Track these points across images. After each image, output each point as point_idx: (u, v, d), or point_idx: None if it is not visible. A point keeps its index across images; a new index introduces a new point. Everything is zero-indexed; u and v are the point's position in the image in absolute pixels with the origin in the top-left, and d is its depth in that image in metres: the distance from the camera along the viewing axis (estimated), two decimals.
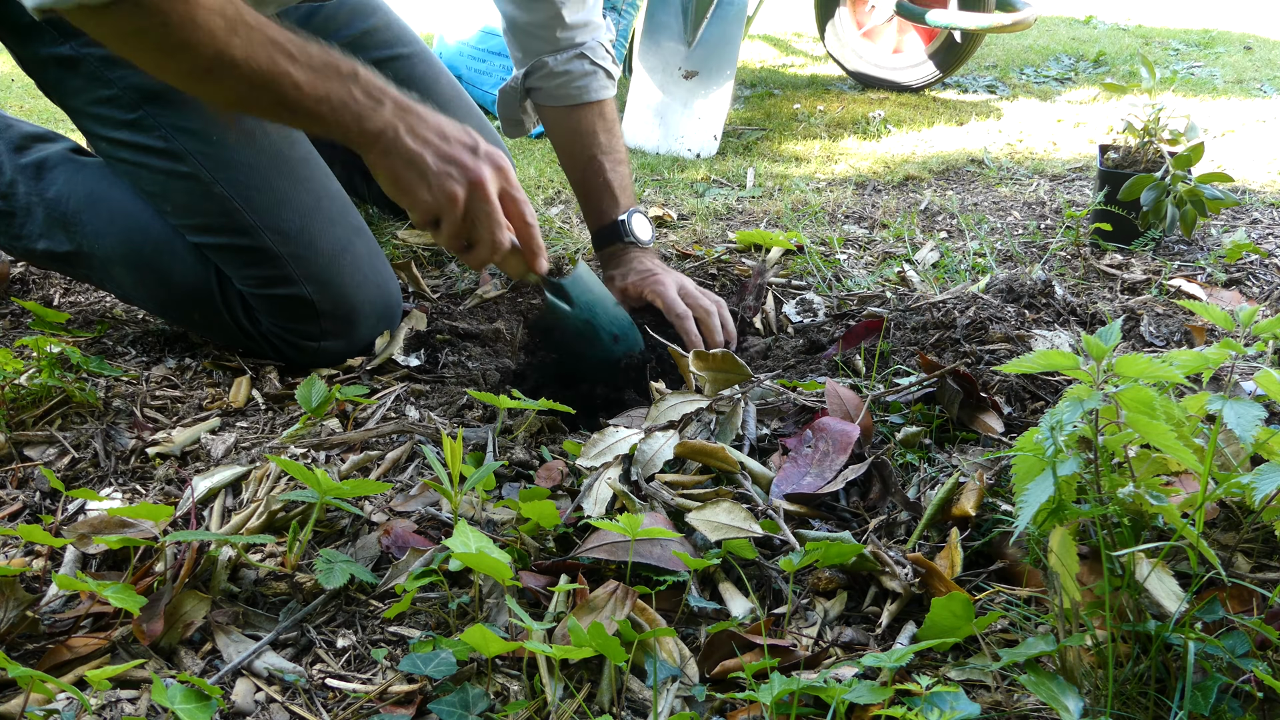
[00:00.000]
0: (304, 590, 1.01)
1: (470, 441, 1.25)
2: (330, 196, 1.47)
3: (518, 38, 1.61)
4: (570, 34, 1.58)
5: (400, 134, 1.19)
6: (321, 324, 1.45)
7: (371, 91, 1.19)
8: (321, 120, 1.17)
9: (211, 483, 1.17)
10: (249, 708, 0.88)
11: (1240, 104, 3.15)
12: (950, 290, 1.63)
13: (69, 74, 1.42)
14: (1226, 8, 5.29)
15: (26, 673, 0.77)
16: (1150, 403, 0.78)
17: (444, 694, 0.86)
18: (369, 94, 1.18)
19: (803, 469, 1.13)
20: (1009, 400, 1.26)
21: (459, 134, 1.23)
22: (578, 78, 1.59)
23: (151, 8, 1.04)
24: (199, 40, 1.07)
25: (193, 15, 1.06)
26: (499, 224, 1.23)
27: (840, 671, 0.86)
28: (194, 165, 1.40)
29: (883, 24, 3.36)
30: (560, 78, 1.59)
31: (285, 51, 1.13)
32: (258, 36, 1.11)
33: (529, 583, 0.98)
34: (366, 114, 1.17)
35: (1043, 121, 3.00)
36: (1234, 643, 0.79)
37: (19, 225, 1.54)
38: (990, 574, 1.00)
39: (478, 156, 1.22)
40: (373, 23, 1.77)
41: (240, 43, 1.09)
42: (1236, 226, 2.03)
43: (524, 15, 1.57)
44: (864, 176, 2.48)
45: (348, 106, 1.16)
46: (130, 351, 1.53)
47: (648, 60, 2.78)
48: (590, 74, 1.60)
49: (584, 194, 1.66)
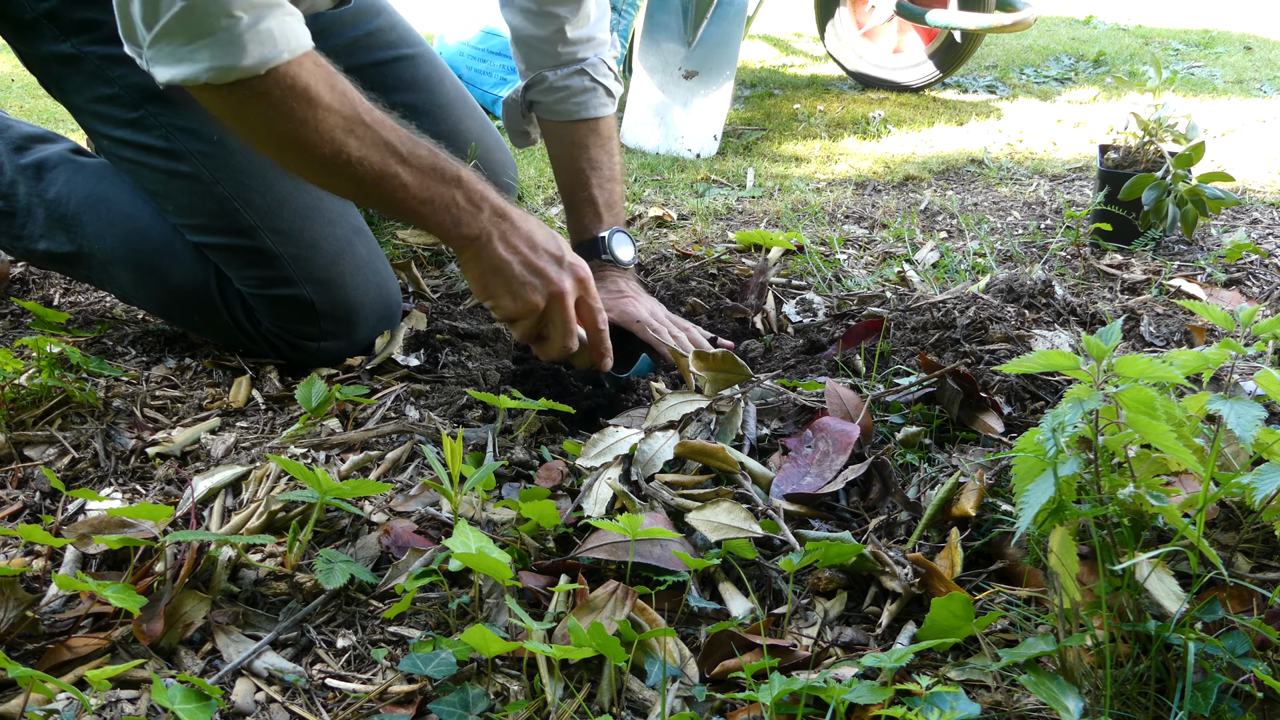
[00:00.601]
0: (304, 590, 1.01)
1: (470, 441, 1.25)
2: (330, 197, 1.47)
3: (521, 50, 1.62)
4: (573, 49, 1.58)
5: (493, 240, 1.24)
6: (321, 324, 1.45)
7: (473, 197, 1.24)
8: (422, 219, 1.23)
9: (211, 483, 1.17)
10: (249, 708, 0.88)
11: (1240, 104, 3.15)
12: (950, 290, 1.63)
13: (71, 72, 1.42)
14: (1226, 8, 5.29)
15: (26, 673, 0.77)
16: (1150, 403, 0.78)
17: (444, 694, 0.86)
18: (470, 199, 1.24)
19: (803, 469, 1.13)
20: (1009, 400, 1.26)
21: (548, 243, 1.28)
22: (576, 93, 1.59)
23: (277, 101, 1.09)
24: (317, 139, 1.13)
25: (314, 115, 1.11)
26: (571, 332, 1.31)
27: (840, 671, 0.86)
28: (194, 165, 1.40)
29: (883, 24, 3.36)
30: (559, 93, 1.59)
31: (396, 153, 1.18)
32: (372, 137, 1.16)
33: (529, 583, 0.98)
34: (465, 220, 1.23)
35: (1043, 121, 3.00)
36: (1234, 643, 0.78)
37: (19, 226, 1.54)
38: (990, 574, 1.00)
39: (561, 268, 1.28)
40: (378, 24, 1.77)
41: (355, 144, 1.15)
42: (1236, 226, 2.03)
43: (528, 28, 1.57)
44: (864, 176, 2.48)
45: (449, 210, 1.22)
46: (130, 351, 1.53)
47: (648, 60, 2.78)
48: (590, 90, 1.59)
49: (569, 207, 1.65)
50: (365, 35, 1.73)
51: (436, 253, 1.93)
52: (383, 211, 1.30)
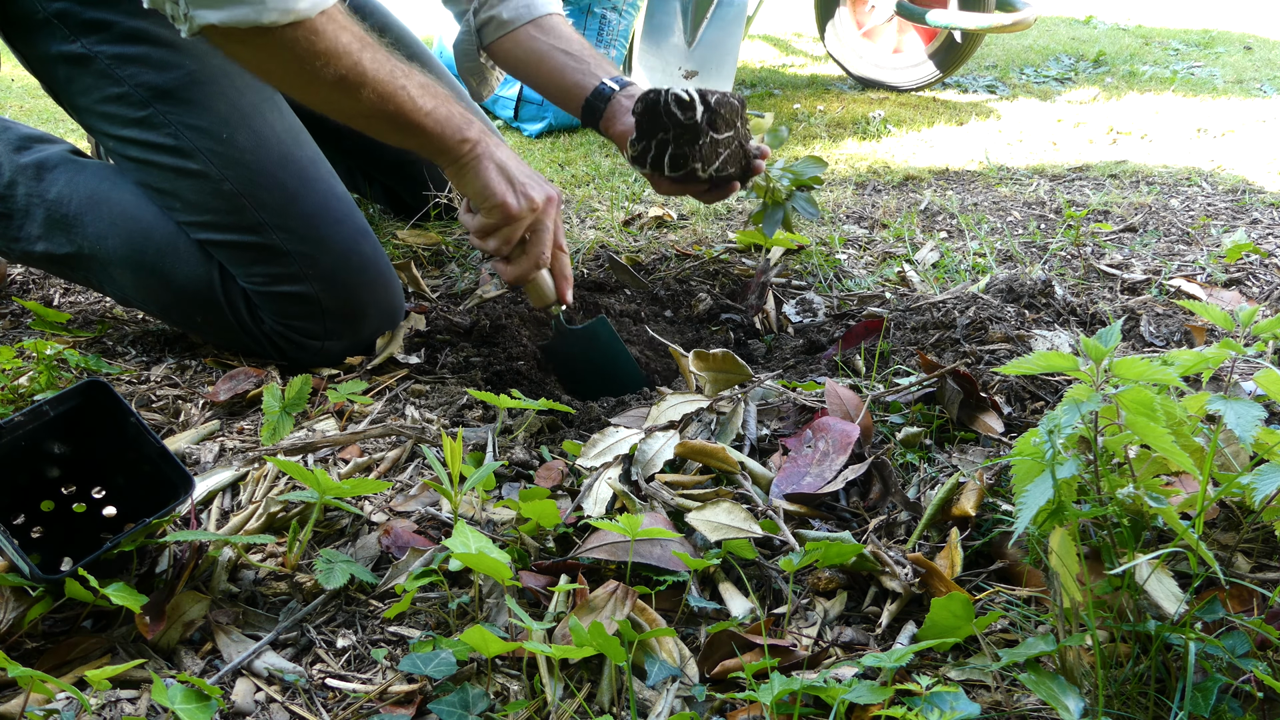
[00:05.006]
0: (304, 590, 1.01)
1: (470, 441, 1.25)
2: (337, 197, 1.48)
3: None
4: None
5: (490, 146, 1.34)
6: (326, 323, 1.45)
7: (464, 109, 1.34)
8: (426, 133, 1.29)
9: (210, 484, 1.17)
10: (249, 708, 0.88)
11: (1240, 104, 3.15)
12: (950, 290, 1.63)
13: (79, 72, 1.42)
14: (1226, 8, 5.29)
15: (26, 673, 0.77)
16: (1150, 404, 0.78)
17: (444, 694, 0.86)
18: (463, 112, 1.33)
19: (803, 469, 1.13)
20: (1009, 400, 1.26)
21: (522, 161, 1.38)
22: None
23: (309, 25, 1.16)
24: (339, 51, 1.19)
25: (336, 32, 1.19)
26: (549, 242, 1.39)
27: (840, 671, 0.86)
28: (203, 163, 1.40)
29: (883, 24, 3.36)
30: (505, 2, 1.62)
31: (400, 69, 1.27)
32: (381, 55, 1.25)
33: (529, 583, 0.98)
34: (464, 126, 1.31)
35: (1043, 121, 3.00)
36: (1234, 643, 0.78)
37: (16, 227, 1.54)
38: (990, 574, 1.00)
39: (546, 181, 1.39)
40: (370, 25, 1.77)
41: (369, 58, 1.23)
42: (1236, 226, 2.03)
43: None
44: (864, 176, 2.48)
45: (451, 119, 1.30)
46: (130, 351, 1.53)
47: (648, 60, 2.77)
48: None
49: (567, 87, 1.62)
50: None
51: (436, 253, 1.93)
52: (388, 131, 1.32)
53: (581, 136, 2.90)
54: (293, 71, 1.22)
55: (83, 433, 1.03)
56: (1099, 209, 2.16)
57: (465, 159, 1.32)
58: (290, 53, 1.18)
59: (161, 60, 1.40)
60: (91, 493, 1.06)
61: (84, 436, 1.04)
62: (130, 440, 1.03)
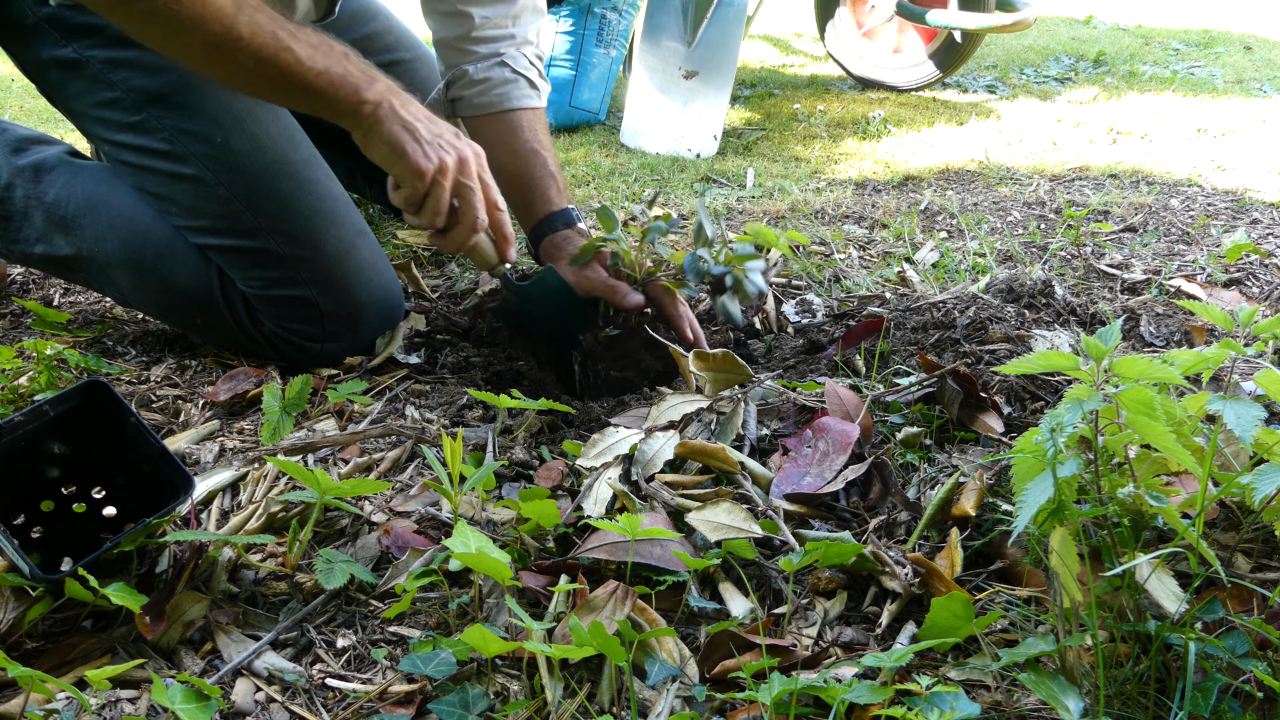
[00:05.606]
0: (304, 590, 1.01)
1: (470, 441, 1.25)
2: (334, 198, 1.47)
3: (440, 52, 1.60)
4: (491, 46, 1.56)
5: (395, 106, 1.26)
6: (325, 325, 1.45)
7: (365, 69, 1.26)
8: (320, 95, 1.23)
9: (210, 484, 1.17)
10: (249, 708, 0.88)
11: (1240, 104, 3.15)
12: (950, 290, 1.63)
13: (72, 77, 1.42)
14: (1226, 8, 5.29)
15: (26, 673, 0.77)
16: (1150, 403, 0.78)
17: (444, 694, 0.86)
18: (363, 71, 1.26)
19: (803, 469, 1.13)
20: (1009, 400, 1.26)
21: (436, 119, 1.31)
22: (498, 85, 1.55)
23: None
24: (208, 16, 1.13)
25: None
26: (481, 202, 1.32)
27: (840, 671, 0.86)
28: (198, 168, 1.40)
29: (883, 24, 3.36)
30: (479, 85, 1.56)
31: (285, 29, 1.20)
32: (261, 16, 1.18)
33: (529, 583, 0.98)
34: (364, 86, 1.24)
35: (1043, 121, 3.00)
36: (1234, 643, 0.78)
37: (15, 229, 1.54)
38: (990, 574, 1.00)
39: (459, 139, 1.31)
40: (374, 27, 1.77)
41: (246, 20, 1.16)
42: (1236, 226, 2.03)
43: (442, 30, 1.56)
44: (864, 176, 2.48)
45: (347, 79, 1.24)
46: (130, 351, 1.53)
47: (648, 60, 2.77)
48: (511, 81, 1.56)
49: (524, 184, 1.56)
50: (361, 39, 1.72)
51: (436, 253, 1.93)
52: (280, 95, 1.27)
53: (581, 136, 2.90)
54: (168, 39, 1.18)
55: (83, 433, 1.03)
56: (1099, 209, 2.16)
57: (367, 120, 1.25)
58: (156, 20, 1.14)
59: (153, 64, 1.40)
60: (91, 493, 1.06)
61: (84, 436, 1.04)
62: (130, 440, 1.03)
